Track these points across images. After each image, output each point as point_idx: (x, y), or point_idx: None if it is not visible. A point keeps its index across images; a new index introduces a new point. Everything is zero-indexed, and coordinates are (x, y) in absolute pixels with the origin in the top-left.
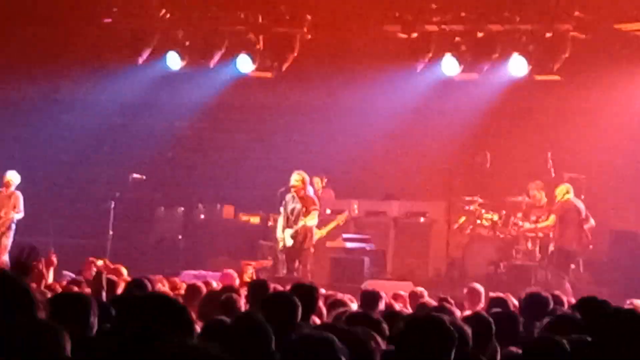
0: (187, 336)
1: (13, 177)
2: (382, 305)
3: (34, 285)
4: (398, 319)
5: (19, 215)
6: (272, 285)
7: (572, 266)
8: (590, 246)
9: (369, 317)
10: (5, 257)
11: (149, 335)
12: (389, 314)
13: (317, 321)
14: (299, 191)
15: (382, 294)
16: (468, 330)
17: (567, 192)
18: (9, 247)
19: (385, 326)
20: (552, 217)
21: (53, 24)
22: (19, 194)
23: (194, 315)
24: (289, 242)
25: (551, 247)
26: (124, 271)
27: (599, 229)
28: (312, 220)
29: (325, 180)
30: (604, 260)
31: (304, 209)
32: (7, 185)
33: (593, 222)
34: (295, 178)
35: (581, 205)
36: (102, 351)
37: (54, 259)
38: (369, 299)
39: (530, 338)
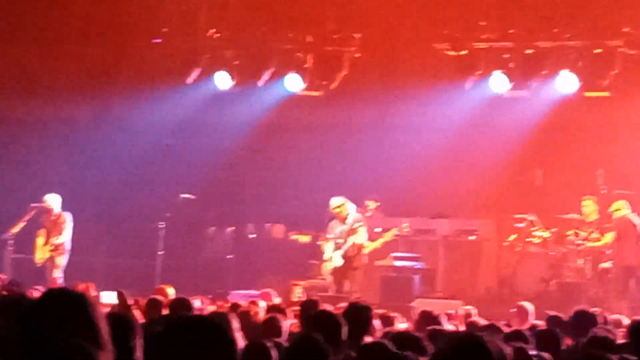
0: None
1: (51, 200)
2: (444, 324)
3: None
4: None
5: (57, 240)
6: (322, 305)
7: (632, 282)
8: None
9: (413, 337)
10: (60, 280)
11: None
12: (434, 333)
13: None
14: (340, 214)
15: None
16: (506, 349)
17: (624, 208)
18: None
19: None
20: (611, 234)
21: (104, 44)
22: (66, 215)
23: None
24: (339, 262)
25: (605, 265)
26: (170, 291)
27: None
28: (360, 237)
29: (377, 203)
30: None
31: (350, 228)
32: (49, 210)
33: None
34: (334, 204)
35: (638, 221)
36: None
37: None
38: (426, 319)
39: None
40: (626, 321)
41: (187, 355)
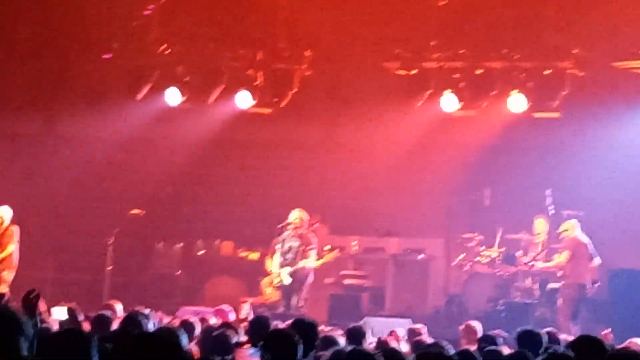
0: None
1: (3, 212)
2: (368, 341)
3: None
4: (396, 356)
5: (2, 254)
6: (274, 322)
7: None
8: (598, 283)
9: (365, 354)
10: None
11: None
12: (387, 351)
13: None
14: (297, 229)
15: (366, 330)
16: None
17: (574, 229)
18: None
19: None
20: (565, 254)
21: (53, 59)
22: (13, 229)
23: (194, 351)
24: (287, 280)
25: (553, 285)
26: (119, 307)
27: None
28: (311, 261)
29: (319, 217)
30: (602, 298)
31: (302, 248)
32: None
33: (600, 260)
34: (294, 216)
35: (587, 241)
36: None
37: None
38: (354, 335)
39: None
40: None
41: None
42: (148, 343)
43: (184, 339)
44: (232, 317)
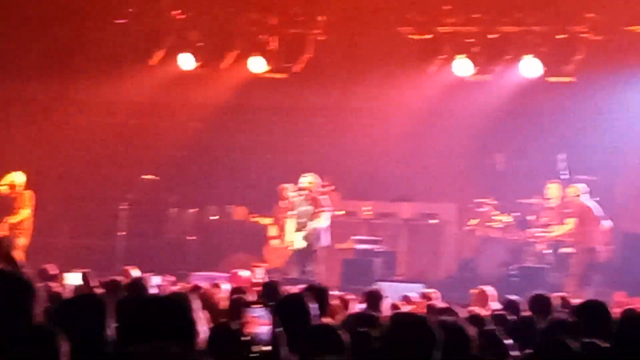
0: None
1: (15, 178)
2: (385, 305)
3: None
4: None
5: (14, 219)
6: (284, 287)
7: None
8: (611, 246)
9: (372, 317)
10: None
11: (150, 337)
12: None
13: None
14: (309, 193)
15: (385, 293)
16: (471, 330)
17: (578, 194)
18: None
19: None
20: (572, 220)
21: (67, 24)
22: (27, 194)
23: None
24: (301, 244)
25: (566, 249)
26: (135, 272)
27: (613, 230)
28: (322, 222)
29: (331, 181)
30: (615, 262)
31: (314, 211)
32: (12, 187)
33: (610, 223)
34: (305, 180)
35: (595, 206)
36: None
37: None
38: (372, 298)
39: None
40: None
41: (148, 335)
42: (159, 306)
43: (195, 304)
44: (247, 281)
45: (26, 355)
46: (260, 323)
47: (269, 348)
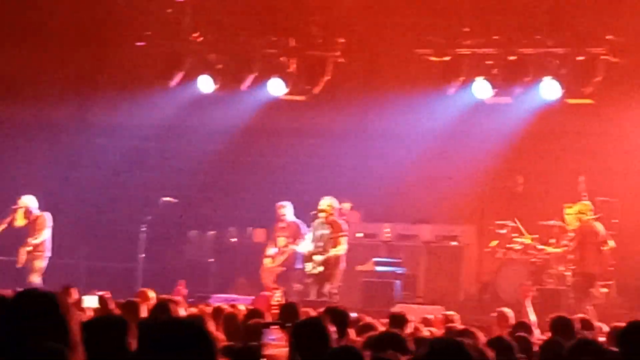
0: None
1: (28, 202)
2: (409, 328)
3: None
4: (423, 342)
5: (35, 240)
6: (303, 309)
7: (592, 290)
8: (611, 268)
9: (397, 337)
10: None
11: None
12: (416, 339)
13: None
14: (328, 216)
15: (411, 317)
16: (490, 353)
17: (583, 213)
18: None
19: (411, 346)
20: (574, 241)
21: (87, 47)
22: (45, 216)
23: (221, 337)
24: (319, 269)
25: (567, 272)
26: (152, 294)
27: (632, 252)
28: (341, 249)
29: (350, 205)
30: (637, 284)
31: (333, 235)
32: (27, 212)
33: (613, 244)
34: (324, 203)
35: (600, 227)
36: None
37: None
38: (397, 321)
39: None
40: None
41: (167, 356)
42: (175, 328)
43: (211, 326)
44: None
45: None
46: (277, 345)
47: None
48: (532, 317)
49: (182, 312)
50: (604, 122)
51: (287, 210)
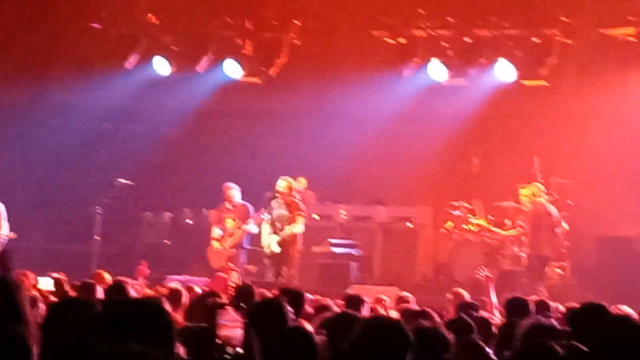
0: (167, 340)
1: None
2: (365, 310)
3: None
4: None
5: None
6: (258, 290)
7: (547, 271)
8: (563, 250)
9: (353, 319)
10: None
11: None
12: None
13: (307, 325)
14: (285, 197)
15: (366, 298)
16: (449, 335)
17: (537, 195)
18: None
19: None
20: (525, 223)
21: (41, 28)
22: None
23: (179, 319)
24: (276, 249)
25: (522, 253)
26: (107, 276)
27: (586, 233)
28: (298, 227)
29: (306, 182)
30: (591, 265)
31: (290, 215)
32: None
33: (566, 226)
34: (281, 184)
35: (553, 209)
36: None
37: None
38: (353, 302)
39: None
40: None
41: (125, 337)
42: (133, 309)
43: (167, 307)
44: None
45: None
46: (233, 326)
47: (242, 351)
48: (494, 299)
49: (133, 293)
50: (558, 104)
51: (234, 192)
